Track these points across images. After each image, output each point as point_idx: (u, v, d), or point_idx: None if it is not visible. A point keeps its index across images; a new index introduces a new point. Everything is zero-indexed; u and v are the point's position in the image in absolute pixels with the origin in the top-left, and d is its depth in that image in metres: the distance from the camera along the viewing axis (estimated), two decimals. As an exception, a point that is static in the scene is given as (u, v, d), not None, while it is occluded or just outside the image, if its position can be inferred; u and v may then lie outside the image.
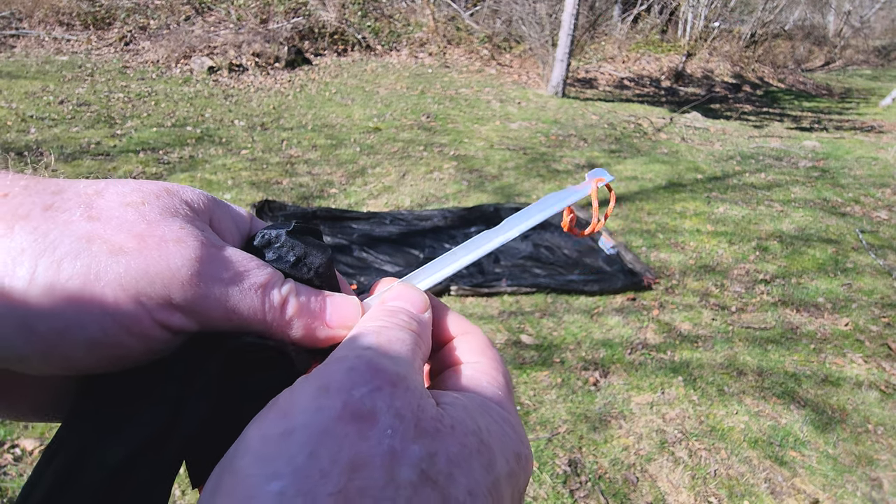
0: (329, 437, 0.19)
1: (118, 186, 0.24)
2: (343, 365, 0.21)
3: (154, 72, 6.49)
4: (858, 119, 8.98)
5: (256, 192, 3.69)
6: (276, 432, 0.19)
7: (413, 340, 0.24)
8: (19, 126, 4.36)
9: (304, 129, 5.20)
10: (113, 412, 0.22)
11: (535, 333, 2.51)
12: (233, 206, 0.28)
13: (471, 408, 0.23)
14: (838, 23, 18.27)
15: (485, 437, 0.22)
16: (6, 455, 1.66)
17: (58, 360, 0.21)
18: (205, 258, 0.23)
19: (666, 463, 1.90)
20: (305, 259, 0.27)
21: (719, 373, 2.37)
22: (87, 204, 0.22)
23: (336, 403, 0.19)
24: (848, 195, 4.60)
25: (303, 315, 0.25)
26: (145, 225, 0.22)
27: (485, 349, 0.28)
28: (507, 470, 0.22)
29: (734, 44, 12.07)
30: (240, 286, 0.23)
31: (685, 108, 7.96)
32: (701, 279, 3.10)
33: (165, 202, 0.24)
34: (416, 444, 0.19)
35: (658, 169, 4.88)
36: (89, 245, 0.21)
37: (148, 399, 0.22)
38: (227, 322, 0.24)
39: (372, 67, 8.00)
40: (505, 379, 0.27)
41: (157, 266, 0.21)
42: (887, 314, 2.89)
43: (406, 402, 0.20)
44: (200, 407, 0.22)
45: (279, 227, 0.27)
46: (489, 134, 5.54)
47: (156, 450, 0.21)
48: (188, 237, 0.23)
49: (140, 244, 0.22)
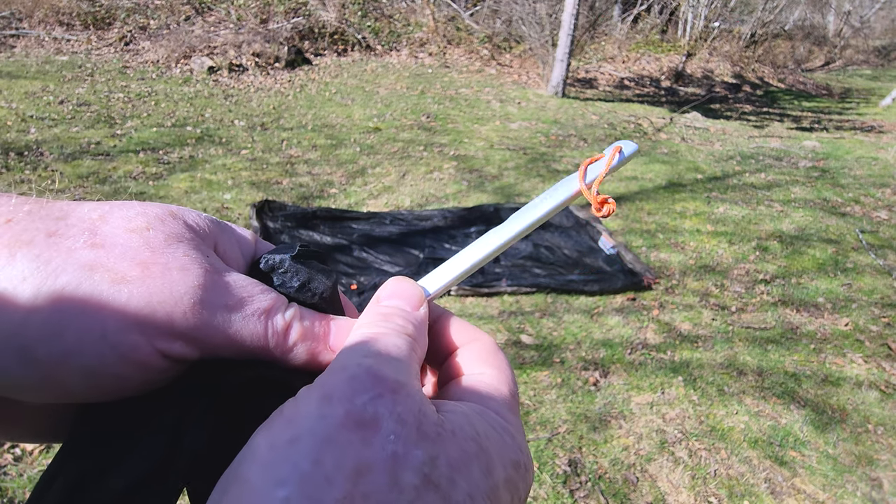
0: (333, 444, 0.19)
1: (123, 210, 0.24)
2: (345, 374, 0.21)
3: (154, 72, 6.49)
4: (858, 119, 8.97)
5: (256, 192, 3.69)
6: (281, 440, 0.19)
7: (409, 346, 0.25)
8: (19, 126, 4.36)
9: (304, 129, 5.20)
10: (113, 440, 0.22)
11: (535, 333, 2.51)
12: (237, 229, 0.28)
13: (469, 414, 0.23)
14: (838, 23, 18.27)
15: (483, 443, 0.22)
16: (6, 455, 1.66)
17: (54, 389, 0.21)
18: (208, 285, 0.23)
19: (666, 463, 1.90)
20: (310, 284, 0.27)
21: (719, 373, 2.37)
22: (91, 230, 0.22)
23: (339, 411, 0.20)
24: (848, 195, 4.60)
25: (306, 339, 0.25)
26: (149, 252, 0.22)
27: (489, 358, 0.28)
28: (504, 476, 0.22)
29: (734, 44, 12.07)
30: (242, 312, 0.24)
31: (685, 108, 7.96)
32: (701, 279, 3.10)
33: (170, 227, 0.24)
34: (418, 448, 0.20)
35: (658, 169, 4.88)
36: (91, 274, 0.21)
37: (148, 428, 0.22)
38: (229, 348, 0.24)
39: (372, 67, 8.00)
40: (509, 389, 0.27)
41: (161, 295, 0.22)
42: (887, 314, 2.89)
43: (407, 407, 0.21)
44: (199, 436, 0.22)
45: (283, 252, 0.27)
46: (489, 134, 5.54)
47: (156, 480, 0.21)
48: (192, 264, 0.23)
49: (143, 272, 0.22)
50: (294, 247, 0.27)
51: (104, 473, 0.21)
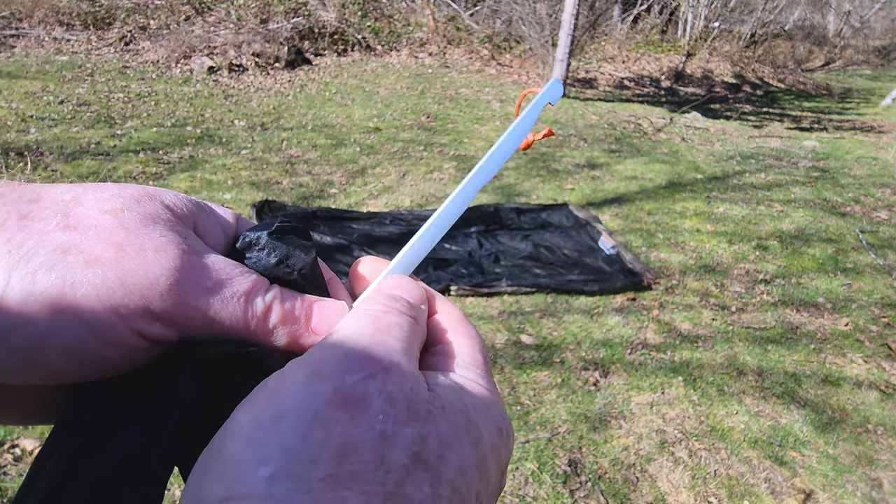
0: (319, 421, 0.18)
1: (97, 192, 0.23)
2: (338, 350, 0.21)
3: (154, 72, 6.49)
4: (858, 119, 8.97)
5: (256, 191, 3.69)
6: (266, 416, 0.19)
7: (410, 326, 0.24)
8: (19, 126, 4.36)
9: (304, 129, 5.20)
10: (98, 422, 0.22)
11: (535, 333, 2.51)
12: (218, 210, 0.28)
13: (457, 387, 0.23)
14: (838, 23, 18.27)
15: (471, 415, 0.22)
16: (6, 455, 1.66)
17: (38, 371, 0.21)
18: (185, 267, 0.22)
19: (666, 463, 1.90)
20: (288, 260, 0.26)
21: (719, 373, 2.37)
22: (64, 212, 0.22)
23: (328, 388, 0.19)
24: (848, 195, 4.60)
25: (287, 322, 0.25)
26: (124, 233, 0.22)
27: (458, 326, 0.28)
28: (490, 444, 0.22)
29: (734, 44, 12.07)
30: (221, 294, 0.23)
31: (685, 108, 7.95)
32: (701, 279, 3.10)
33: (147, 208, 0.23)
34: (408, 426, 0.19)
35: (658, 169, 4.88)
36: (65, 256, 0.20)
37: (131, 409, 0.22)
38: (208, 331, 0.23)
39: (372, 67, 8.00)
40: (482, 356, 0.27)
41: (135, 276, 0.21)
42: (887, 314, 2.89)
43: (399, 385, 0.20)
44: (182, 416, 0.22)
45: (262, 229, 0.26)
46: (489, 134, 5.54)
47: (141, 461, 0.21)
48: (168, 245, 0.22)
49: (118, 253, 0.21)
50: (272, 224, 0.27)
51: (91, 456, 0.21)
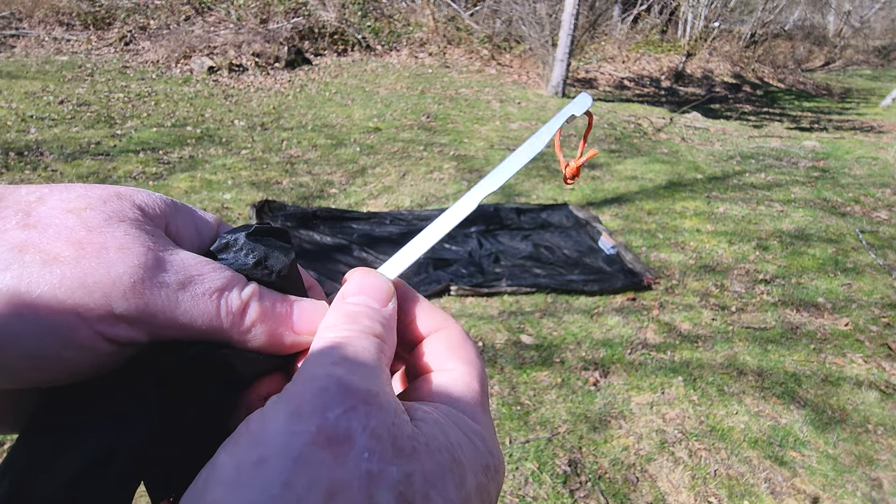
0: (304, 463, 0.18)
1: (63, 192, 0.22)
2: (314, 385, 0.20)
3: (154, 72, 6.49)
4: (858, 119, 8.97)
5: (256, 192, 3.69)
6: (248, 461, 0.18)
7: (377, 349, 0.23)
8: (19, 126, 4.36)
9: (304, 129, 5.20)
10: (62, 428, 0.21)
11: (535, 333, 2.51)
12: (197, 211, 0.27)
13: (442, 422, 0.22)
14: (838, 23, 18.27)
15: (456, 454, 0.21)
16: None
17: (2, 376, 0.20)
18: (150, 264, 0.22)
19: (666, 463, 1.90)
20: (266, 261, 0.25)
21: (719, 373, 2.37)
22: (25, 211, 0.21)
23: (310, 427, 0.19)
24: (848, 195, 4.60)
25: (266, 320, 0.24)
26: (85, 232, 0.21)
27: (458, 350, 0.27)
28: (475, 484, 0.22)
29: (734, 44, 12.07)
30: (191, 291, 0.22)
31: (685, 108, 7.95)
32: (701, 279, 3.10)
33: (113, 207, 0.23)
34: (393, 465, 0.19)
35: (658, 169, 4.88)
36: (21, 255, 0.20)
37: (94, 414, 0.21)
38: (180, 331, 0.22)
39: (372, 67, 8.00)
40: (479, 384, 0.26)
41: (96, 275, 0.20)
42: (887, 314, 2.89)
43: (381, 420, 0.20)
44: (147, 420, 0.22)
45: (240, 230, 0.26)
46: (489, 134, 5.54)
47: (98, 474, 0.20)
48: (133, 243, 0.22)
49: (77, 252, 0.20)
50: (251, 226, 0.26)
51: (45, 468, 0.20)
